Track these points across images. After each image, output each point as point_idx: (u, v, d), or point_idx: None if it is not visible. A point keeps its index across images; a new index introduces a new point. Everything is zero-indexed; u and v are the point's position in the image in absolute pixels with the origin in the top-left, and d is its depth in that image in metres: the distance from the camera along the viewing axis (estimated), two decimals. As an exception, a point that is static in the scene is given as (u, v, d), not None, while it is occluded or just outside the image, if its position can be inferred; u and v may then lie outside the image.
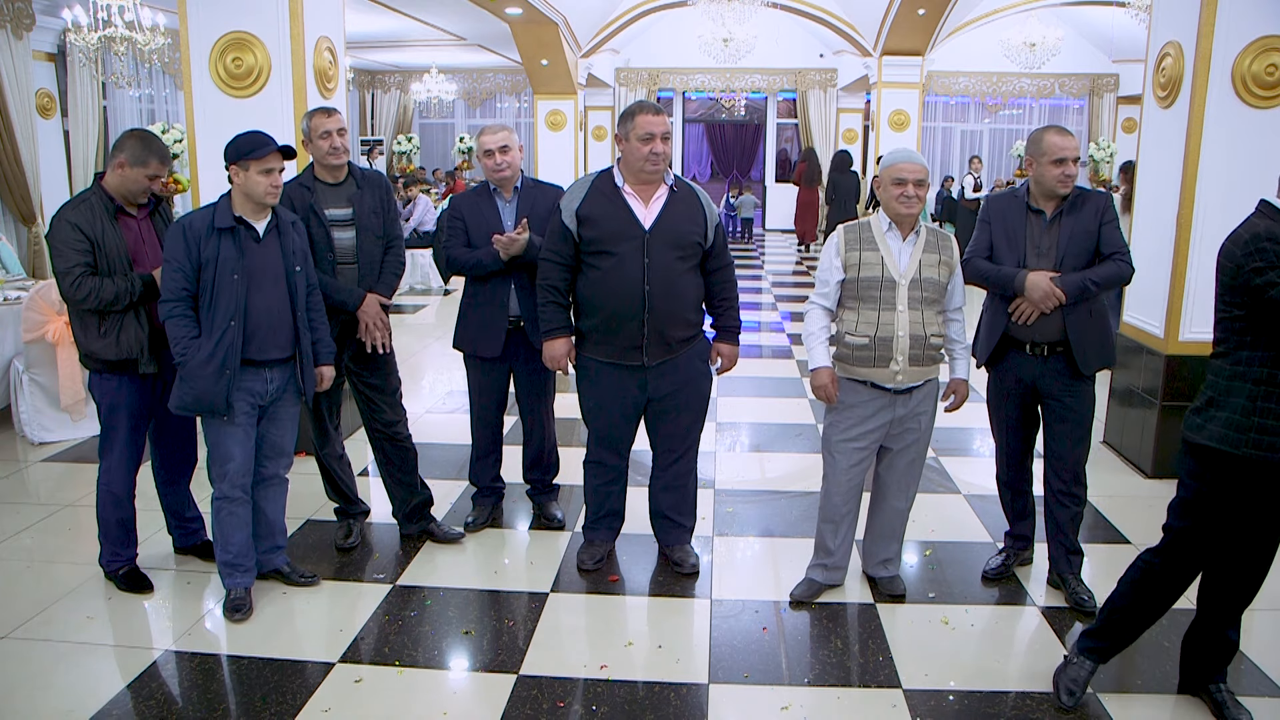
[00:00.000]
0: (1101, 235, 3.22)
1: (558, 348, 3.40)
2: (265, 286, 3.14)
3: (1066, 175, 3.18)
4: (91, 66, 9.28)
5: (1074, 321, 3.22)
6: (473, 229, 3.73)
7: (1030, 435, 3.48)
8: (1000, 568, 3.58)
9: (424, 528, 3.88)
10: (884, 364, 3.12)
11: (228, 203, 3.14)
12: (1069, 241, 3.22)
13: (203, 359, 3.04)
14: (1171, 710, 2.75)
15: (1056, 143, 3.18)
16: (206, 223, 3.08)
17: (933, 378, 3.24)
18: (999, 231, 3.35)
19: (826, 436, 3.34)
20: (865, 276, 3.12)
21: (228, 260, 3.07)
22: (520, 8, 10.31)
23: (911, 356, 3.11)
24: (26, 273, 7.61)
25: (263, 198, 3.10)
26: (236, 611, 3.23)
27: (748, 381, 6.52)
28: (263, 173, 3.07)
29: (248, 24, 4.62)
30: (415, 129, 18.05)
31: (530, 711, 2.73)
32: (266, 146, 3.09)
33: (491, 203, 3.75)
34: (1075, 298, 3.18)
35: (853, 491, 3.32)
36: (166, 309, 3.08)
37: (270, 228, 3.19)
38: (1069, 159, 3.17)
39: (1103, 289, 3.22)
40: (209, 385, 3.05)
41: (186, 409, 3.12)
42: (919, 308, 3.11)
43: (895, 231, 3.14)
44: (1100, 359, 3.28)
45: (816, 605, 3.37)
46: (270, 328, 3.16)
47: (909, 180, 3.07)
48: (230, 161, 3.09)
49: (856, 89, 16.23)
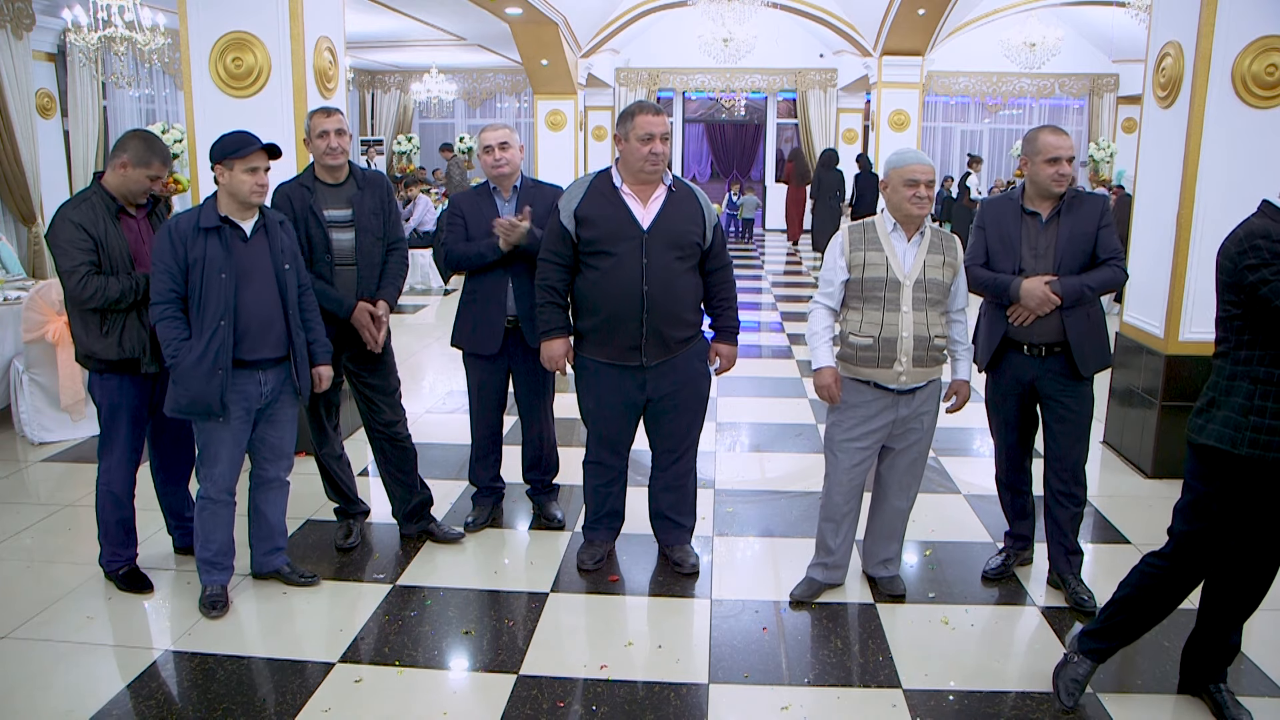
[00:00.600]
0: (1099, 239, 3.22)
1: (556, 348, 3.40)
2: (254, 285, 3.13)
3: (1060, 174, 3.18)
4: (91, 66, 9.29)
5: (1073, 324, 3.22)
6: (473, 227, 3.72)
7: (1029, 435, 3.48)
8: (1000, 568, 3.58)
9: (424, 528, 3.88)
10: (888, 364, 3.12)
11: (213, 203, 3.13)
12: (1067, 243, 3.21)
13: (194, 360, 3.03)
14: (1171, 710, 2.75)
15: (1050, 142, 3.18)
16: (192, 223, 3.07)
17: (936, 378, 3.24)
18: (994, 236, 3.35)
19: (829, 436, 3.34)
20: (870, 277, 3.11)
21: (215, 260, 3.06)
22: (520, 8, 10.31)
23: (915, 358, 3.11)
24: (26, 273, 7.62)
25: (248, 197, 3.09)
26: (213, 609, 3.24)
27: (748, 381, 6.52)
28: (247, 171, 3.06)
29: (248, 24, 4.62)
30: (415, 129, 18.06)
31: (530, 711, 2.73)
32: (250, 145, 3.07)
33: (491, 202, 3.75)
34: (1072, 302, 3.19)
35: (854, 491, 3.33)
36: (157, 312, 3.08)
37: (258, 227, 3.18)
38: (1063, 158, 3.17)
39: (1098, 294, 3.23)
40: (202, 386, 3.04)
41: (182, 411, 3.10)
42: (923, 308, 3.10)
43: (900, 232, 3.13)
44: (1099, 361, 3.28)
45: (816, 605, 3.37)
46: (261, 327, 3.15)
47: (921, 181, 3.06)
48: (215, 161, 3.08)
49: (856, 89, 16.24)
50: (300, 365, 3.27)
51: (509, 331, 3.73)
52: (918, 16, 11.58)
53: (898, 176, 3.09)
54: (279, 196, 3.53)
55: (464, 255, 3.69)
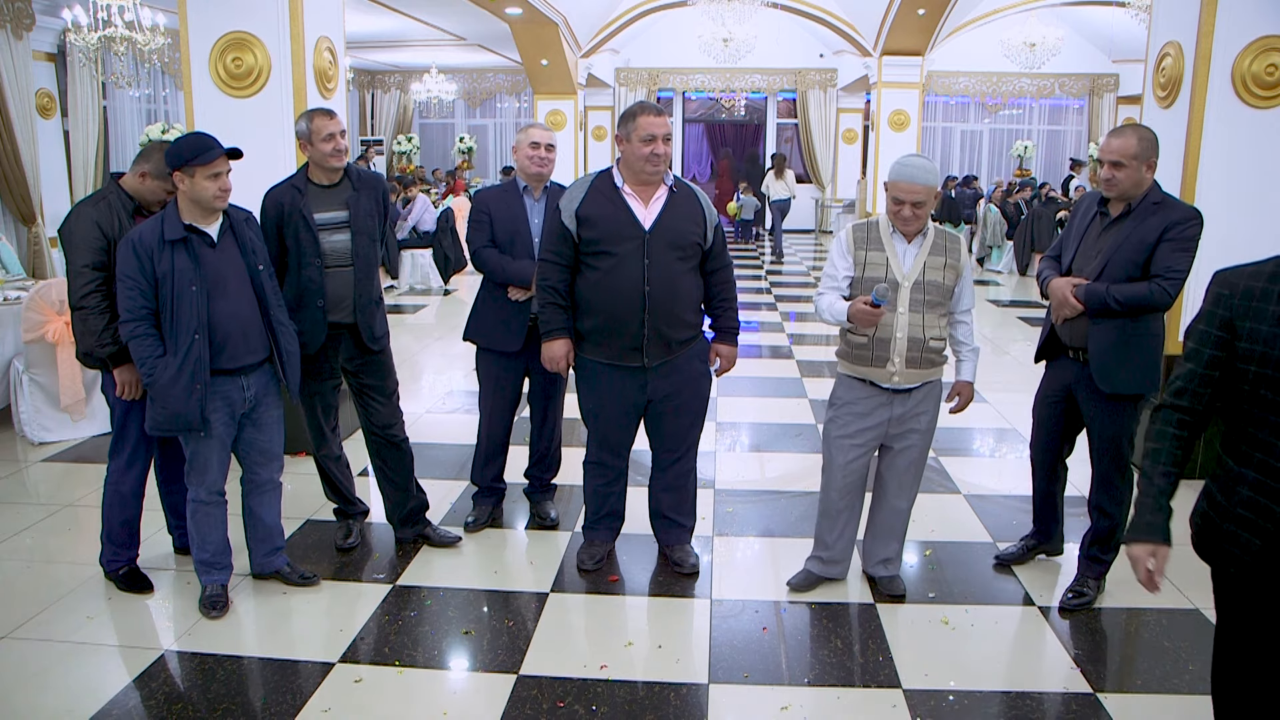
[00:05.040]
0: (1156, 251, 3.02)
1: (557, 349, 3.39)
2: (229, 293, 3.07)
3: (1103, 178, 3.12)
4: (91, 66, 9.29)
5: (1097, 333, 3.13)
6: (499, 225, 3.72)
7: (1060, 440, 3.44)
8: (1014, 555, 3.64)
9: (419, 531, 3.86)
10: (881, 364, 3.13)
11: (175, 212, 3.01)
12: (1116, 249, 3.09)
13: (171, 376, 2.96)
14: (1171, 710, 2.75)
15: (1103, 144, 3.14)
16: (156, 235, 2.96)
17: (934, 379, 3.24)
18: (1071, 228, 3.34)
19: (826, 432, 3.36)
20: (869, 276, 3.12)
21: (184, 272, 2.97)
22: (520, 8, 10.31)
23: (909, 359, 3.11)
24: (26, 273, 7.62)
25: (211, 202, 3.01)
26: (213, 609, 3.23)
27: (748, 381, 6.52)
28: (210, 177, 2.97)
29: (248, 24, 4.62)
30: (415, 129, 18.05)
31: (530, 711, 2.73)
32: (213, 150, 2.97)
33: (520, 200, 3.75)
34: (1096, 309, 3.08)
35: (850, 488, 3.34)
36: (128, 330, 2.99)
37: (224, 230, 3.11)
38: (1106, 161, 3.08)
39: (1126, 309, 3.03)
40: (181, 403, 2.98)
41: (162, 429, 3.06)
42: (920, 310, 3.10)
43: (899, 234, 3.13)
44: (1130, 382, 3.12)
45: (816, 605, 3.37)
46: (241, 334, 3.09)
47: (906, 201, 3.03)
48: (174, 167, 2.96)
49: (856, 89, 16.25)
50: (287, 364, 3.24)
51: (531, 328, 3.70)
52: (918, 16, 11.59)
53: (889, 189, 3.09)
54: (269, 201, 3.50)
55: (494, 271, 3.69)
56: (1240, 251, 4.35)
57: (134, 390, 3.27)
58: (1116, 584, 3.42)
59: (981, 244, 13.47)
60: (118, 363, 3.23)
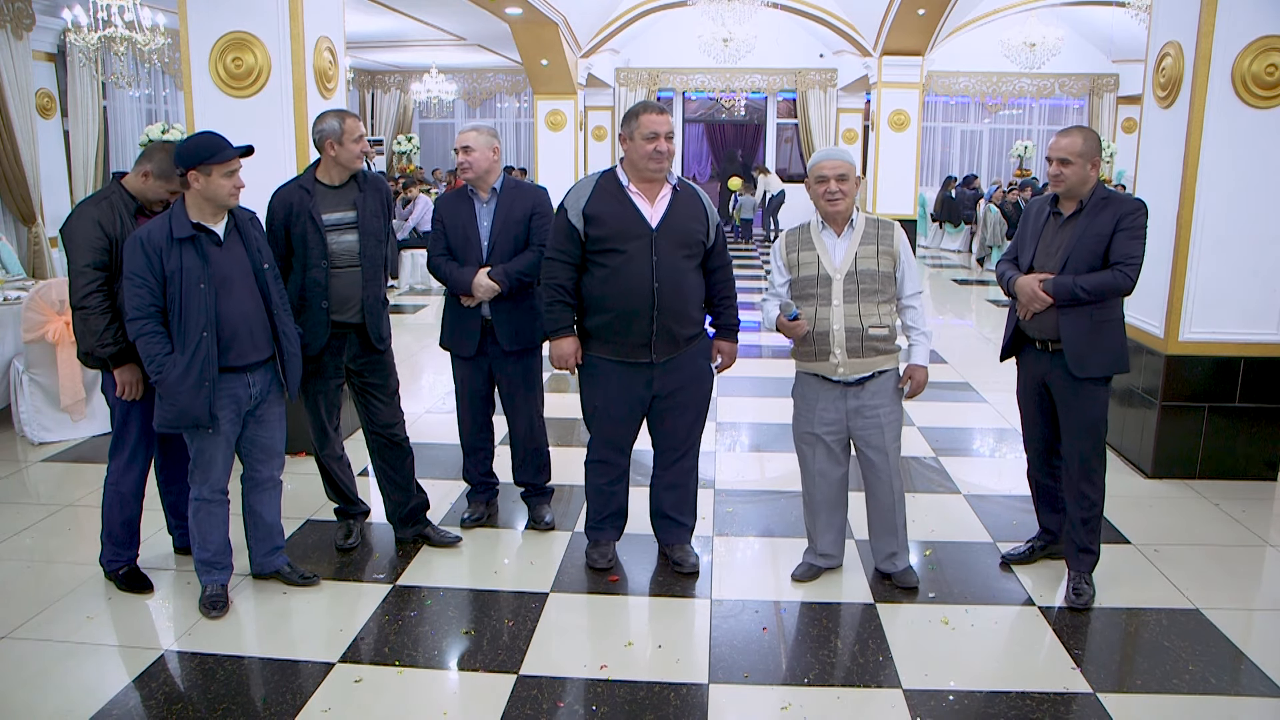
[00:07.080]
0: (1113, 241, 3.19)
1: (566, 347, 3.40)
2: (236, 291, 3.09)
3: (1050, 175, 3.29)
4: (91, 66, 9.29)
5: (1068, 322, 3.25)
6: (450, 231, 3.75)
7: (1051, 428, 3.50)
8: (1021, 555, 3.67)
9: (419, 532, 3.86)
10: (824, 357, 3.27)
11: (183, 210, 3.03)
12: (1076, 243, 3.23)
13: (179, 374, 2.98)
14: (1171, 710, 2.75)
15: (1051, 143, 3.30)
16: (165, 233, 2.98)
17: (886, 369, 3.32)
18: (1024, 231, 3.45)
19: (793, 431, 3.49)
20: (804, 275, 3.30)
21: (192, 270, 2.99)
22: (520, 8, 10.31)
23: (849, 349, 3.24)
24: (26, 273, 7.62)
25: (226, 200, 3.04)
26: (213, 608, 3.23)
27: (748, 381, 6.52)
28: (226, 175, 3.00)
29: (248, 24, 4.62)
30: (415, 129, 18.06)
31: (530, 711, 2.73)
32: (228, 149, 3.01)
33: (469, 205, 3.76)
34: (1065, 300, 3.22)
35: (825, 483, 3.44)
36: (135, 327, 3.01)
37: (230, 229, 3.13)
38: (1054, 159, 3.24)
39: (1094, 296, 3.19)
40: (190, 400, 3.00)
41: (170, 426, 3.07)
42: (855, 300, 3.23)
43: (829, 229, 3.29)
44: (1101, 365, 3.27)
45: (816, 605, 3.37)
46: (247, 332, 3.12)
47: (830, 177, 3.20)
48: (189, 166, 2.97)
49: (856, 89, 16.24)
50: (288, 364, 3.25)
51: (484, 332, 3.76)
52: (918, 16, 11.59)
53: (811, 175, 3.27)
54: (276, 202, 3.51)
55: (445, 278, 3.76)
56: (1240, 251, 4.39)
57: (134, 390, 3.27)
58: (1116, 584, 3.42)
59: (981, 244, 13.48)
60: (118, 363, 3.24)
